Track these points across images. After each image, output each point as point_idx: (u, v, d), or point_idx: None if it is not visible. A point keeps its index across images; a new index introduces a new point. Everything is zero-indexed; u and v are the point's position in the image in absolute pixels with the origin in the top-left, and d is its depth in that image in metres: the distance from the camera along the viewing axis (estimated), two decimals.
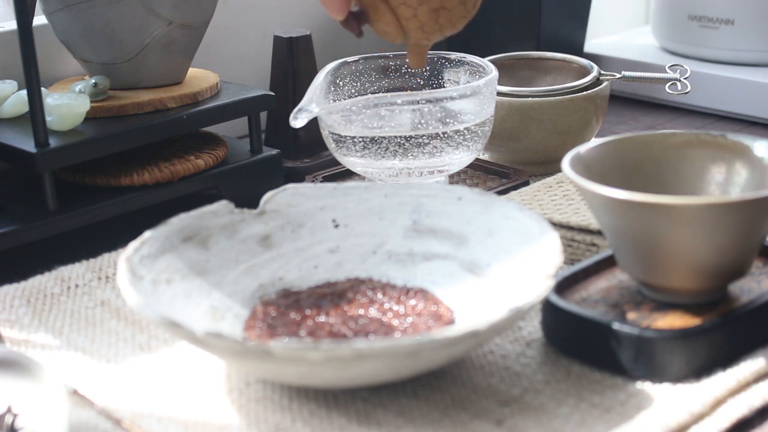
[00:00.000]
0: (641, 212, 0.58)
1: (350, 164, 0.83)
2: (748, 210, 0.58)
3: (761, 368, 0.59)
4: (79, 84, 0.84)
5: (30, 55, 0.73)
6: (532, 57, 0.98)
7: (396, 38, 0.71)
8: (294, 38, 0.94)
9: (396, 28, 0.70)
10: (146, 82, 0.86)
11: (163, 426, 0.56)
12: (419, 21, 0.69)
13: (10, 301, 0.69)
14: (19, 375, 0.54)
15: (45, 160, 0.76)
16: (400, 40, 0.71)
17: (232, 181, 0.86)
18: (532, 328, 0.64)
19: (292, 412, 0.57)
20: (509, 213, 0.66)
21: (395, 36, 0.71)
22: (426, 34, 0.70)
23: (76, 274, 0.73)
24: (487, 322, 0.54)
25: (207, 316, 0.62)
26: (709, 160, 0.66)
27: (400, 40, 0.71)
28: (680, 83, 0.94)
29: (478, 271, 0.65)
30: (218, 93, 0.88)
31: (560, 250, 0.60)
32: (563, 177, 0.81)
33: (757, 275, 0.65)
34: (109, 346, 0.65)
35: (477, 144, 0.82)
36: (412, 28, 0.70)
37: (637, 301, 0.63)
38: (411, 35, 0.70)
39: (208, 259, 0.65)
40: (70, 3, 0.82)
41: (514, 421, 0.55)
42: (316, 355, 0.52)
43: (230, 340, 0.53)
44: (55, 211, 0.77)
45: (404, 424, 0.56)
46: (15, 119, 0.83)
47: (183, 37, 0.86)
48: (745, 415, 0.56)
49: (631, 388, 0.58)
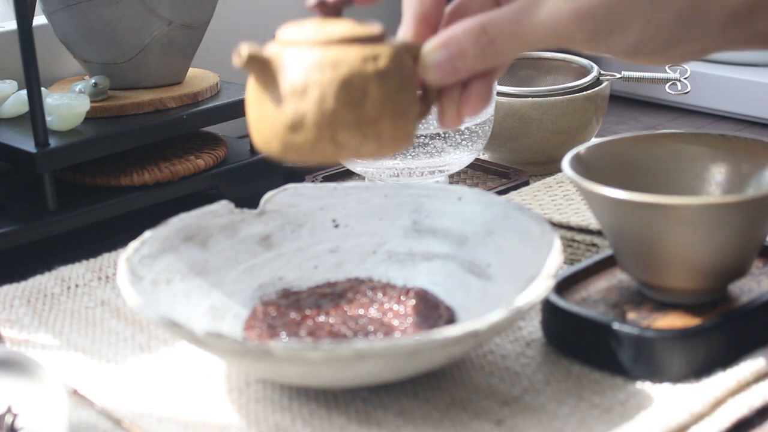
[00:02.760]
0: (641, 212, 0.58)
1: (350, 164, 0.83)
2: (748, 210, 0.58)
3: (761, 368, 0.59)
4: (79, 84, 0.84)
5: (30, 55, 0.73)
6: (531, 57, 0.98)
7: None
8: None
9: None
10: (146, 82, 0.86)
11: (163, 426, 0.56)
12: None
13: (10, 301, 0.69)
14: (19, 375, 0.54)
15: (45, 160, 0.76)
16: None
17: (232, 181, 0.86)
18: (532, 328, 0.64)
19: (292, 412, 0.57)
20: (509, 213, 0.66)
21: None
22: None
23: (76, 274, 0.73)
24: (487, 322, 0.54)
25: (207, 316, 0.62)
26: (709, 160, 0.66)
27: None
28: (680, 83, 0.94)
29: (478, 271, 0.65)
30: (218, 93, 0.88)
31: (560, 250, 0.60)
32: (563, 177, 0.81)
33: (757, 275, 0.65)
34: (109, 346, 0.65)
35: (477, 144, 0.82)
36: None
37: (637, 301, 0.63)
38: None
39: (208, 259, 0.65)
40: (70, 3, 0.82)
41: (514, 421, 0.55)
42: (316, 355, 0.52)
43: (230, 340, 0.53)
44: (55, 211, 0.77)
45: (404, 424, 0.56)
46: (15, 119, 0.83)
47: (183, 37, 0.86)
48: (745, 415, 0.56)
49: (631, 388, 0.58)
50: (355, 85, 0.54)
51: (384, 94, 0.55)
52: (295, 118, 0.54)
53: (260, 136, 0.56)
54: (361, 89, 0.54)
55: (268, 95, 0.55)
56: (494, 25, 0.55)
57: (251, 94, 0.56)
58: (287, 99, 0.54)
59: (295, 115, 0.54)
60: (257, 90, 0.56)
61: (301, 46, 0.55)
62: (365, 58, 0.54)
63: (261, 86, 0.55)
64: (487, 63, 0.56)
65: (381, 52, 0.55)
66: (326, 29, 0.56)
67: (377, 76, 0.54)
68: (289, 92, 0.54)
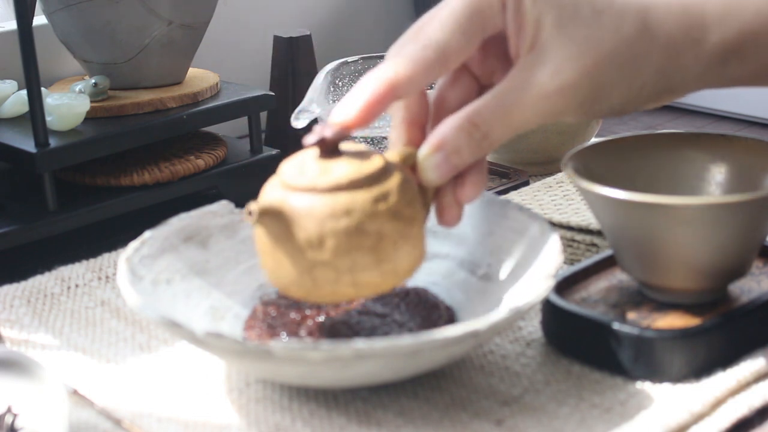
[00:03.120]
0: (641, 212, 0.58)
1: None
2: (748, 210, 0.58)
3: (761, 368, 0.59)
4: (79, 84, 0.84)
5: (30, 55, 0.73)
6: None
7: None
8: (294, 38, 0.94)
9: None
10: (146, 82, 0.86)
11: (163, 426, 0.56)
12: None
13: (10, 301, 0.69)
14: (19, 375, 0.54)
15: (45, 160, 0.76)
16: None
17: (232, 181, 0.86)
18: (532, 328, 0.64)
19: (292, 412, 0.57)
20: (509, 213, 0.66)
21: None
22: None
23: (76, 274, 0.73)
24: (487, 322, 0.54)
25: (207, 316, 0.62)
26: (709, 160, 0.66)
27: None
28: None
29: (478, 271, 0.65)
30: (218, 93, 0.88)
31: (560, 250, 0.60)
32: (563, 177, 0.81)
33: (757, 275, 0.65)
34: (109, 346, 0.65)
35: None
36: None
37: (637, 301, 0.63)
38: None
39: (208, 259, 0.65)
40: (70, 3, 0.82)
41: (514, 421, 0.55)
42: (316, 355, 0.52)
43: (230, 340, 0.53)
44: (55, 211, 0.77)
45: (404, 424, 0.56)
46: (15, 119, 0.83)
47: (183, 37, 0.86)
48: (745, 415, 0.56)
49: (631, 388, 0.58)
50: (369, 230, 0.55)
51: (398, 229, 0.56)
52: (314, 269, 0.55)
53: (279, 283, 0.57)
54: (376, 232, 0.55)
55: (283, 246, 0.56)
56: (483, 117, 0.55)
57: (263, 243, 0.57)
58: (304, 250, 0.55)
59: (313, 266, 0.55)
60: (270, 240, 0.56)
61: (310, 193, 0.56)
62: (375, 199, 0.55)
63: (273, 237, 0.56)
64: (483, 154, 0.57)
65: (389, 189, 0.56)
66: (331, 172, 0.56)
67: (390, 215, 0.55)
68: (305, 244, 0.55)
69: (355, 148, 0.58)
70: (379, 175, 0.56)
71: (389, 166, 0.57)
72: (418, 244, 0.58)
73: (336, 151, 0.57)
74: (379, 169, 0.56)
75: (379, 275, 0.56)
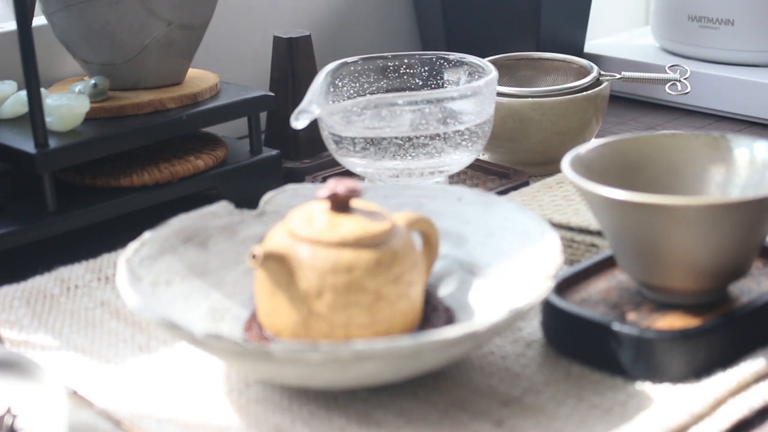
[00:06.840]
0: (641, 212, 0.58)
1: (350, 165, 0.83)
2: (748, 210, 0.58)
3: (761, 368, 0.59)
4: (78, 84, 0.84)
5: (30, 55, 0.73)
6: (532, 57, 0.98)
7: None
8: (294, 38, 0.94)
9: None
10: (146, 82, 0.86)
11: (163, 427, 0.56)
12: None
13: (9, 301, 0.69)
14: (19, 376, 0.54)
15: (45, 161, 0.76)
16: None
17: (232, 181, 0.86)
18: (532, 328, 0.64)
19: (291, 412, 0.57)
20: (509, 214, 0.66)
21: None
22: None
23: (76, 274, 0.73)
24: (487, 323, 0.53)
25: (206, 317, 0.62)
26: (709, 160, 0.65)
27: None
28: (680, 84, 0.94)
29: (477, 271, 0.65)
30: (218, 93, 0.88)
31: (560, 250, 0.60)
32: (563, 177, 0.81)
33: (757, 276, 0.65)
34: (108, 347, 0.65)
35: (477, 144, 0.82)
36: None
37: (637, 301, 0.63)
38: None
39: (208, 260, 0.65)
40: (70, 3, 0.82)
41: (514, 422, 0.55)
42: (316, 357, 0.52)
43: (230, 342, 0.53)
44: (54, 211, 0.77)
45: (404, 425, 0.56)
46: (15, 120, 0.83)
47: (183, 38, 0.86)
48: (745, 416, 0.56)
49: (631, 388, 0.58)
50: (368, 289, 0.56)
51: (396, 292, 0.57)
52: (310, 320, 0.57)
53: (272, 326, 0.59)
54: (374, 292, 0.56)
55: (282, 292, 0.57)
56: None
57: (263, 286, 0.58)
58: (302, 300, 0.56)
59: (309, 316, 0.57)
60: (270, 284, 0.58)
61: (315, 245, 0.57)
62: (378, 260, 0.56)
63: (274, 281, 0.57)
64: None
65: (393, 252, 0.57)
66: (339, 228, 0.57)
67: (390, 277, 0.57)
68: (304, 294, 0.56)
69: (365, 207, 0.59)
70: (385, 237, 0.57)
71: (396, 229, 0.58)
72: (414, 308, 0.59)
73: (346, 207, 0.58)
74: (386, 230, 0.58)
75: (372, 334, 0.57)
